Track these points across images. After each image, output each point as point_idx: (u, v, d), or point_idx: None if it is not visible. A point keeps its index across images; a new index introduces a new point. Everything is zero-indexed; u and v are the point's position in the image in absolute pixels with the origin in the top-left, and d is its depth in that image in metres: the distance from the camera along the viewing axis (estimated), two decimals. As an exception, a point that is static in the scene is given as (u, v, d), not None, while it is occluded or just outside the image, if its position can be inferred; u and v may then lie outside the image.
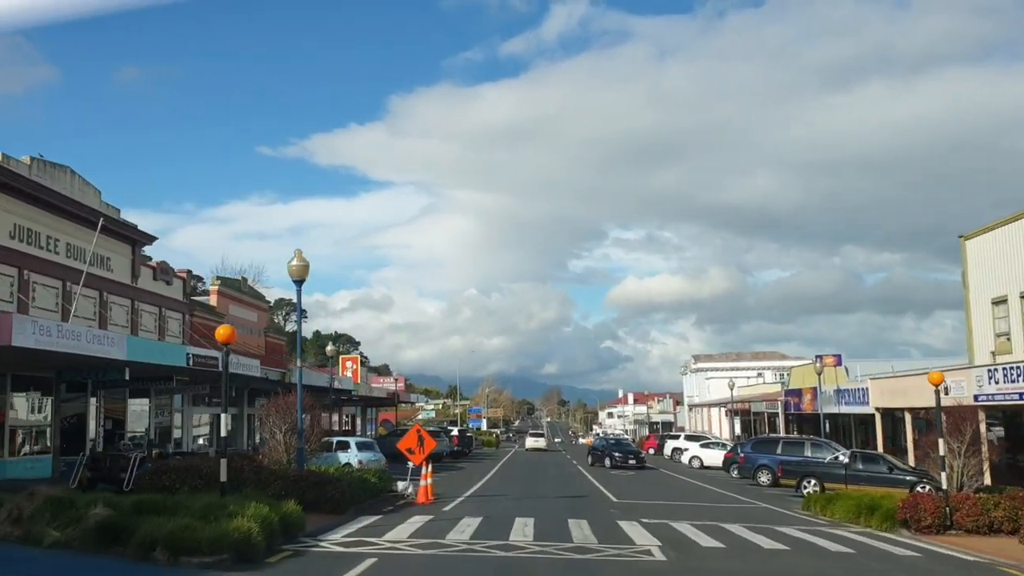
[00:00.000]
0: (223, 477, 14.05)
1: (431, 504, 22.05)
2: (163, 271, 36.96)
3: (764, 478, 34.16)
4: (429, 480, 23.43)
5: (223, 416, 14.18)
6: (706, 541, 15.38)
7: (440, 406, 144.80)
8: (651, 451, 61.91)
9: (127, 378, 25.88)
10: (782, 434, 39.76)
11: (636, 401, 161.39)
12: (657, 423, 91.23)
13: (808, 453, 33.59)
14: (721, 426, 74.21)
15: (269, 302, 52.98)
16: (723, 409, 74.85)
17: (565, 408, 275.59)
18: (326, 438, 33.18)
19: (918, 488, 26.33)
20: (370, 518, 17.91)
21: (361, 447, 31.44)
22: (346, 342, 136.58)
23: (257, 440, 41.39)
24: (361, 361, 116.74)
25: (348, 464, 30.13)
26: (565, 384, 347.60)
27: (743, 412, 63.24)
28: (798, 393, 50.62)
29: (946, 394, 32.68)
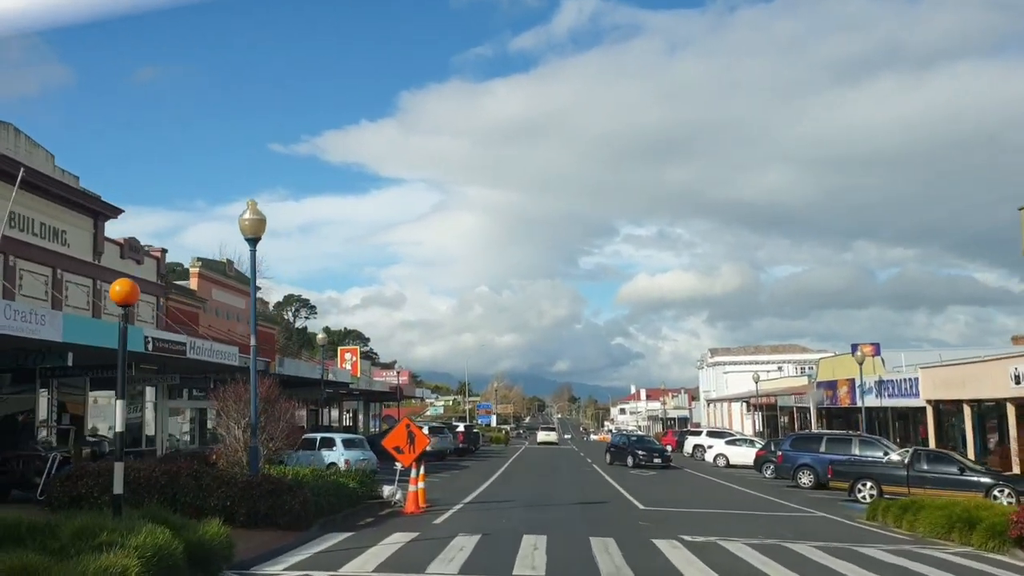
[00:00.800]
0: (117, 488, 10.19)
1: (421, 514, 18.19)
2: (132, 248, 33.20)
3: (806, 479, 30.21)
4: (421, 484, 19.58)
5: (118, 404, 10.33)
6: (779, 573, 11.41)
7: (450, 402, 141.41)
8: (669, 448, 57.79)
9: (70, 364, 22.02)
10: (825, 430, 35.75)
11: (649, 397, 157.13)
12: (674, 419, 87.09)
13: (857, 451, 29.60)
14: (743, 422, 70.12)
15: (259, 287, 49.14)
16: (743, 404, 70.86)
17: (576, 405, 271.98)
18: (310, 434, 29.52)
19: (995, 492, 22.44)
20: (338, 536, 14.04)
21: (348, 445, 27.59)
22: (355, 338, 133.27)
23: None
24: (363, 354, 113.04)
25: (333, 464, 26.38)
26: (576, 381, 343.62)
27: (768, 406, 59.12)
28: (832, 385, 46.54)
29: (1016, 383, 28.77)
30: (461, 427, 55.35)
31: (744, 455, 42.69)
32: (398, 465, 19.86)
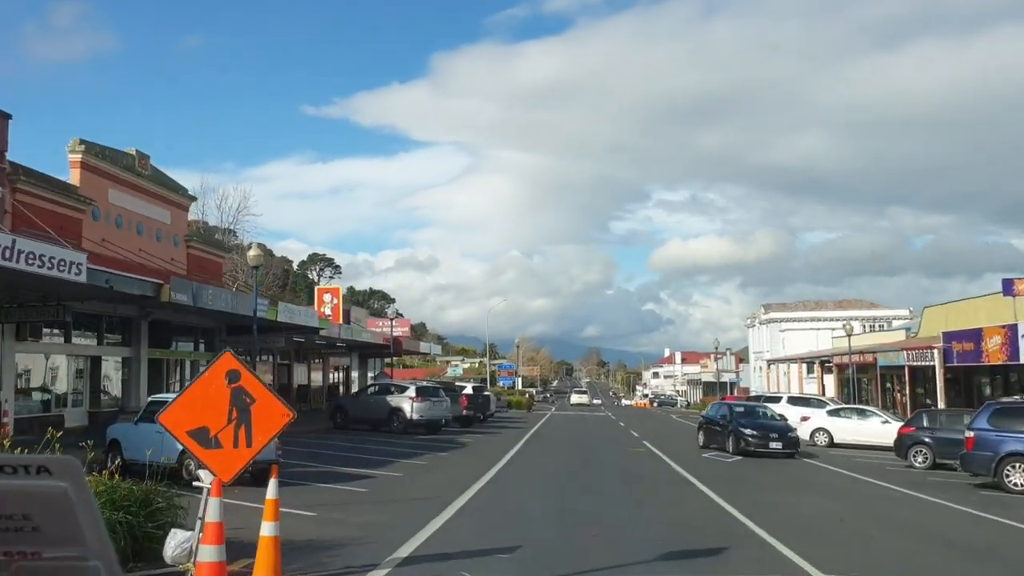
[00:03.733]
0: None
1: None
2: (-68, 103, 21.16)
3: (1018, 478, 17.87)
4: (268, 529, 7.47)
5: None
6: None
7: (476, 364, 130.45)
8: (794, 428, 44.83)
9: None
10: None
11: (685, 360, 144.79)
12: (726, 383, 74.99)
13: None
14: (818, 385, 57.53)
15: (195, 197, 37.10)
16: (810, 364, 58.35)
17: (604, 369, 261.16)
18: (160, 396, 17.71)
19: None
20: None
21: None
22: (380, 298, 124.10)
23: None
24: (350, 299, 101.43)
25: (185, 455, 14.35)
26: (605, 346, 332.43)
27: (861, 367, 46.44)
28: (972, 336, 33.80)
29: None
30: (468, 388, 43.12)
31: (857, 431, 30.51)
32: (202, 477, 7.70)
